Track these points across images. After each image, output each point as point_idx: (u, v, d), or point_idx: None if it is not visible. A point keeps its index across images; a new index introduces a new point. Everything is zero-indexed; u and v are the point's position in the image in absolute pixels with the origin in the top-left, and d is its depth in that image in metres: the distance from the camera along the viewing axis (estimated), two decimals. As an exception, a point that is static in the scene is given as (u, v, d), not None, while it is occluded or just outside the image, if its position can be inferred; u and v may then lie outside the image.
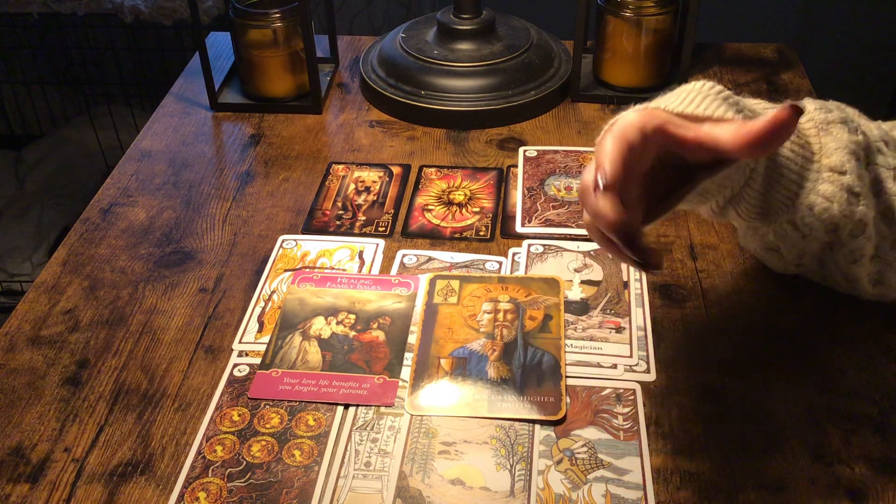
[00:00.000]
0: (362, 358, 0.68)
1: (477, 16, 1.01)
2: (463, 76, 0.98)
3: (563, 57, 1.05)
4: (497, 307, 0.72)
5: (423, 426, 0.62)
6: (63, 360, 0.69)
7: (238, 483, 0.59)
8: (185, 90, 1.06)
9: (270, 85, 1.00)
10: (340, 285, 0.75)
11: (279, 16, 0.97)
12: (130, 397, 0.66)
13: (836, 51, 1.91)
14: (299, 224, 0.83)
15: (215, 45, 1.14)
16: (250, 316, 0.72)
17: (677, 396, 0.64)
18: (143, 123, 1.01)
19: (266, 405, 0.64)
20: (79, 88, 2.10)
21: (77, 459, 0.61)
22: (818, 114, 0.61)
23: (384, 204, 0.86)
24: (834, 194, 0.59)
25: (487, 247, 0.80)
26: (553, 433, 0.62)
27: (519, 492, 0.58)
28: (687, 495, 0.57)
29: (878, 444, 0.61)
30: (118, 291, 0.76)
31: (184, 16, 1.71)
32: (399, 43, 1.03)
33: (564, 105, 1.02)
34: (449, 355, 0.68)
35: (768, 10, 1.87)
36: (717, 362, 0.67)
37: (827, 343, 0.69)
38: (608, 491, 0.57)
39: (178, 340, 0.71)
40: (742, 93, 1.03)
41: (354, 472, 0.59)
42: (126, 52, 1.99)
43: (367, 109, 1.02)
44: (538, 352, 0.67)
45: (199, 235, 0.82)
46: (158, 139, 0.97)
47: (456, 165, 0.91)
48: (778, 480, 0.58)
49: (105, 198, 0.88)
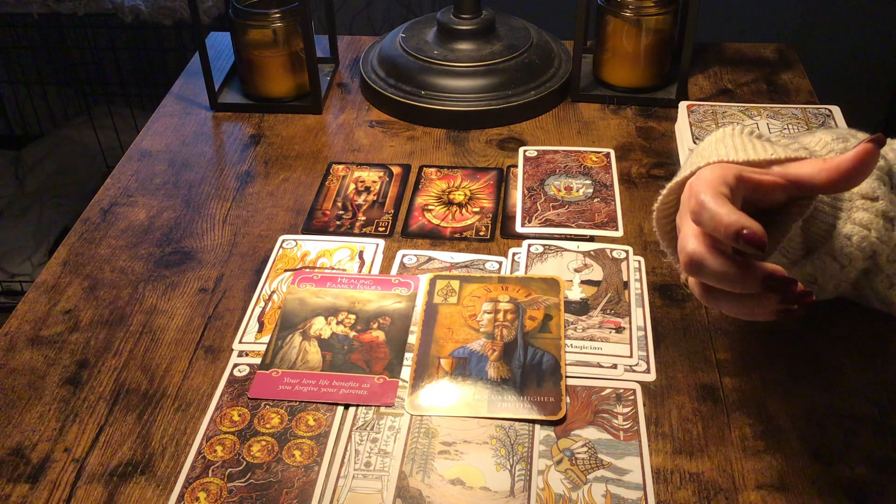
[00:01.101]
0: (362, 358, 0.68)
1: (477, 16, 1.01)
2: (463, 76, 0.98)
3: (563, 57, 1.05)
4: (497, 307, 0.72)
5: (423, 426, 0.62)
6: (63, 360, 0.69)
7: (238, 483, 0.59)
8: (185, 90, 1.06)
9: (270, 85, 1.00)
10: (340, 285, 0.75)
11: (279, 16, 0.97)
12: (130, 397, 0.66)
13: (836, 51, 1.90)
14: (299, 224, 0.83)
15: (215, 45, 1.14)
16: (250, 316, 0.72)
17: (677, 396, 0.64)
18: (143, 123, 1.01)
19: (266, 405, 0.64)
20: (79, 88, 2.10)
21: (77, 459, 0.61)
22: (836, 143, 0.62)
23: (384, 204, 0.86)
24: (871, 221, 0.60)
25: (487, 247, 0.80)
26: (553, 433, 0.62)
27: (519, 492, 0.58)
28: (687, 495, 0.57)
29: (878, 444, 0.61)
30: (118, 291, 0.76)
31: (184, 16, 1.71)
32: (399, 43, 1.03)
33: (564, 105, 1.02)
34: (449, 355, 0.68)
35: (768, 10, 1.87)
36: (717, 362, 0.67)
37: (827, 343, 0.69)
38: (608, 491, 0.57)
39: (178, 340, 0.71)
40: (742, 93, 1.03)
41: (354, 472, 0.59)
42: (126, 52, 1.99)
43: (367, 109, 1.02)
44: (538, 352, 0.67)
45: (199, 235, 0.82)
46: (158, 139, 0.97)
47: (456, 165, 0.91)
48: (778, 480, 0.58)
49: (105, 198, 0.88)
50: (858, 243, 0.61)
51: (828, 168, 0.50)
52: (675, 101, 0.99)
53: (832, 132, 0.63)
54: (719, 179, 0.50)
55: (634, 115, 0.99)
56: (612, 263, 0.77)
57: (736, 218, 0.47)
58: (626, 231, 0.81)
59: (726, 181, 0.50)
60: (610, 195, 0.86)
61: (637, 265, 0.77)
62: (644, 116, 0.99)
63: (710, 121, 0.91)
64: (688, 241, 0.50)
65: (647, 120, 0.98)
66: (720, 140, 0.57)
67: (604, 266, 0.76)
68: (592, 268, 0.76)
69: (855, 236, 0.61)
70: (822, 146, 0.62)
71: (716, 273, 0.49)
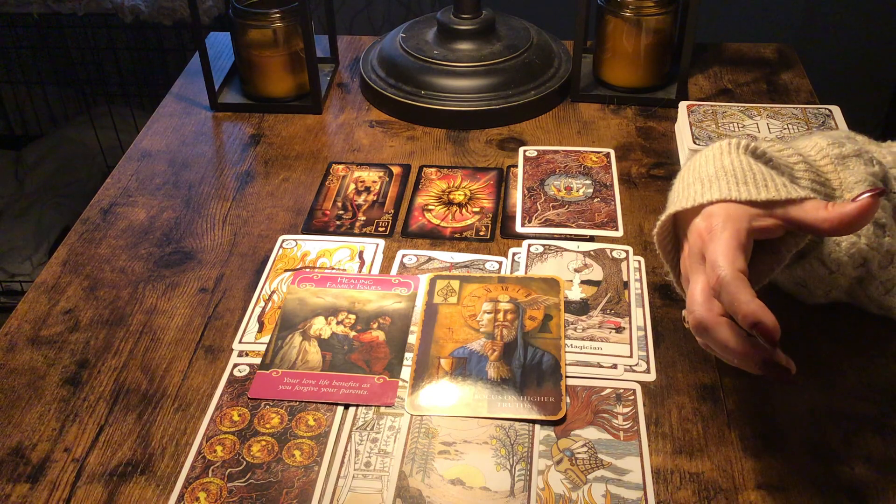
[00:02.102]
0: (362, 358, 0.68)
1: (477, 16, 1.01)
2: (463, 76, 0.98)
3: (563, 57, 1.05)
4: (497, 307, 0.72)
5: (423, 426, 0.62)
6: (63, 360, 0.69)
7: (238, 483, 0.59)
8: (185, 90, 1.06)
9: (270, 85, 1.00)
10: (340, 285, 0.75)
11: (279, 16, 0.97)
12: (130, 397, 0.66)
13: (836, 51, 1.90)
14: (299, 224, 0.83)
15: (215, 45, 1.14)
16: (250, 316, 0.72)
17: (677, 396, 0.64)
18: (143, 123, 1.01)
19: (266, 405, 0.64)
20: (79, 88, 2.10)
21: (77, 459, 0.61)
22: (832, 149, 0.62)
23: (384, 204, 0.86)
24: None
25: (487, 247, 0.80)
26: (553, 433, 0.62)
27: (519, 492, 0.58)
28: (687, 495, 0.57)
29: (878, 444, 0.61)
30: (118, 291, 0.76)
31: (184, 16, 1.71)
32: (399, 43, 1.03)
33: (564, 105, 1.02)
34: (449, 355, 0.68)
35: (768, 10, 1.87)
36: (717, 362, 0.67)
37: (827, 343, 0.69)
38: (608, 491, 0.57)
39: (178, 340, 0.71)
40: (742, 93, 1.03)
41: (354, 472, 0.59)
42: (126, 52, 1.99)
43: (367, 109, 1.02)
44: (538, 352, 0.67)
45: (199, 235, 0.82)
46: (158, 139, 0.97)
47: (456, 165, 0.91)
48: (778, 480, 0.58)
49: (105, 198, 0.88)
50: (847, 249, 0.61)
51: (830, 219, 0.52)
52: (675, 101, 0.99)
53: (828, 136, 0.64)
54: (735, 244, 0.52)
55: (634, 115, 0.99)
56: (612, 263, 0.77)
57: (754, 309, 0.48)
58: (626, 231, 0.81)
59: (741, 244, 0.52)
60: (610, 195, 0.86)
61: (637, 265, 0.77)
62: (644, 116, 0.99)
63: (710, 121, 0.91)
64: (697, 305, 0.52)
65: (647, 120, 0.98)
66: (717, 158, 0.58)
67: (604, 266, 0.76)
68: (592, 268, 0.76)
69: (844, 242, 0.61)
70: (818, 151, 0.63)
71: (719, 345, 0.51)
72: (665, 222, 0.59)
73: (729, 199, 0.54)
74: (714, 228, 0.53)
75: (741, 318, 0.49)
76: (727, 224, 0.53)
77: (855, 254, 0.61)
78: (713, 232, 0.53)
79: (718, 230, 0.52)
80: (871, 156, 0.63)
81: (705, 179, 0.56)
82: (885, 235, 0.61)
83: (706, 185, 0.56)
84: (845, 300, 0.68)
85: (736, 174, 0.56)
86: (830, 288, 0.65)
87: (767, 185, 0.55)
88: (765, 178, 0.55)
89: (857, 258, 0.62)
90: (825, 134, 0.64)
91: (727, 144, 0.59)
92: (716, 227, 0.53)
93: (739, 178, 0.55)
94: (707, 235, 0.53)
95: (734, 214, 0.53)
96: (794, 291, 0.68)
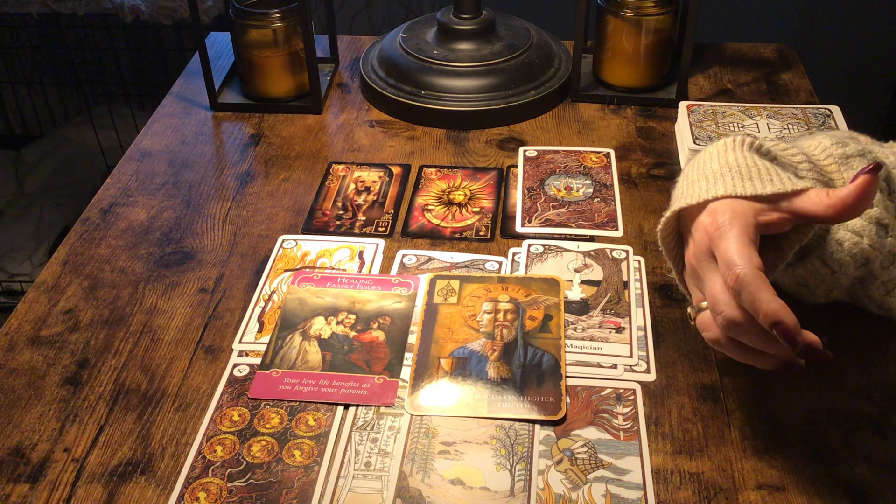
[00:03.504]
0: (362, 358, 0.68)
1: (477, 16, 1.01)
2: (463, 76, 0.98)
3: (563, 57, 1.05)
4: (497, 307, 0.72)
5: (423, 426, 0.62)
6: (63, 360, 0.69)
7: (238, 483, 0.59)
8: (185, 90, 1.06)
9: (270, 85, 1.00)
10: (340, 285, 0.75)
11: (279, 16, 0.97)
12: (130, 397, 0.65)
13: (836, 51, 1.90)
14: (299, 224, 0.83)
15: (215, 45, 1.14)
16: (250, 316, 0.72)
17: (677, 396, 0.64)
18: (143, 123, 1.01)
19: (266, 405, 0.64)
20: (79, 88, 2.10)
21: (77, 459, 0.61)
22: (836, 149, 0.62)
23: (384, 204, 0.86)
24: (864, 228, 0.60)
25: (487, 247, 0.80)
26: (553, 433, 0.62)
27: (519, 492, 0.58)
28: (687, 495, 0.57)
29: (878, 444, 0.61)
30: (118, 291, 0.76)
31: (184, 16, 1.71)
32: (399, 43, 1.03)
33: (564, 105, 1.02)
34: (449, 355, 0.68)
35: (768, 10, 1.87)
36: (717, 362, 0.67)
37: (827, 343, 0.68)
38: (608, 491, 0.57)
39: (178, 340, 0.71)
40: (742, 93, 1.03)
41: (354, 472, 0.59)
42: (126, 52, 1.99)
43: (367, 109, 1.02)
44: (538, 352, 0.67)
45: (199, 235, 0.82)
46: (158, 139, 0.97)
47: (456, 165, 0.91)
48: (778, 480, 0.58)
49: (105, 198, 0.88)
50: (850, 249, 0.61)
51: (833, 204, 0.52)
52: (675, 101, 0.99)
53: (831, 136, 0.64)
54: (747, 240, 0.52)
55: (634, 115, 0.99)
56: (612, 263, 0.77)
57: (776, 308, 0.48)
58: (625, 231, 0.81)
59: (751, 238, 0.52)
60: (610, 195, 0.86)
61: (637, 265, 0.77)
62: (644, 116, 0.99)
63: (710, 121, 0.91)
64: (725, 305, 0.51)
65: (647, 120, 0.98)
66: (721, 155, 0.57)
67: (604, 266, 0.76)
68: (592, 268, 0.76)
69: (846, 242, 0.61)
70: (822, 150, 0.63)
71: (752, 339, 0.51)
72: (669, 219, 0.59)
73: (734, 194, 0.54)
74: (721, 225, 0.53)
75: (762, 317, 0.48)
76: (734, 220, 0.53)
77: (857, 254, 0.61)
78: (720, 229, 0.53)
79: (726, 227, 0.52)
80: (874, 156, 0.63)
81: (710, 176, 0.56)
82: (887, 236, 0.61)
83: (711, 181, 0.56)
84: (846, 300, 0.68)
85: (741, 170, 0.56)
86: (832, 288, 0.65)
87: (773, 180, 0.55)
88: (769, 173, 0.55)
89: (860, 258, 0.62)
90: (829, 134, 0.64)
91: (731, 142, 0.58)
92: (722, 223, 0.53)
93: (745, 174, 0.55)
94: (714, 232, 0.53)
95: (739, 211, 0.53)
96: (796, 291, 0.68)
